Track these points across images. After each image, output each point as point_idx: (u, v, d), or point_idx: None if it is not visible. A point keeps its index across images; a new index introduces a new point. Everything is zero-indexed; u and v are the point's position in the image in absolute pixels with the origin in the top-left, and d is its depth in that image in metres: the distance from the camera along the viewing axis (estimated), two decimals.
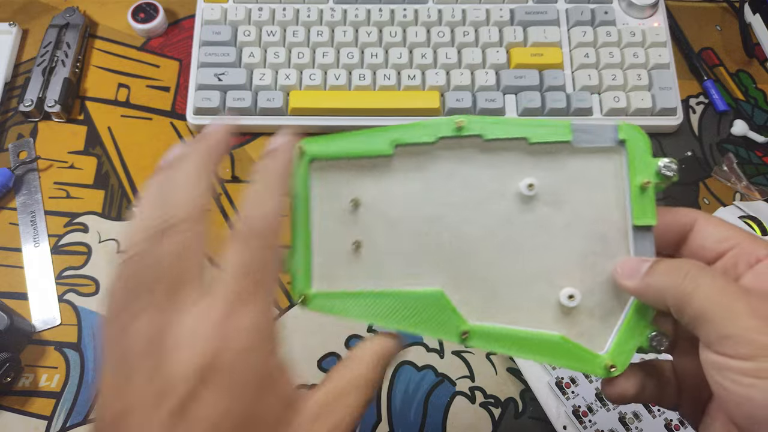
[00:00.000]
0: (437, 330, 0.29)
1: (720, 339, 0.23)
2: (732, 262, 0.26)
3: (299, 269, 0.30)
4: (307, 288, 0.30)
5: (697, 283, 0.24)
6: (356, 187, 0.30)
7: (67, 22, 0.59)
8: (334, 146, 0.30)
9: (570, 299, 0.28)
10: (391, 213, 0.30)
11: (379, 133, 0.30)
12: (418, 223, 0.30)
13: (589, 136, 0.28)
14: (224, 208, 0.54)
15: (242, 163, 0.56)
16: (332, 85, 0.56)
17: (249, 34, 0.57)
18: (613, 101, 0.55)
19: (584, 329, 0.29)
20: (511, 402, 0.47)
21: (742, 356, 0.22)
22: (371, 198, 0.30)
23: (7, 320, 0.45)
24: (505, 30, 0.58)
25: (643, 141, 0.28)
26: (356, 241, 0.30)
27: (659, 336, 0.28)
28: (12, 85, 0.58)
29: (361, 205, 0.30)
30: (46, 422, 0.46)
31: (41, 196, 0.54)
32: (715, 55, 0.62)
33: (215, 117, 0.55)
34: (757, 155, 0.58)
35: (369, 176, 0.30)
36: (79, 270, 0.51)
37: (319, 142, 0.30)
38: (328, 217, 0.31)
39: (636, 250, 0.28)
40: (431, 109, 0.55)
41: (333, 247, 0.31)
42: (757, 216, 0.51)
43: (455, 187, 0.29)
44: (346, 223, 0.30)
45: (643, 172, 0.27)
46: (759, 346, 0.22)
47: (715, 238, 0.27)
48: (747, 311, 0.22)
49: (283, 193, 0.26)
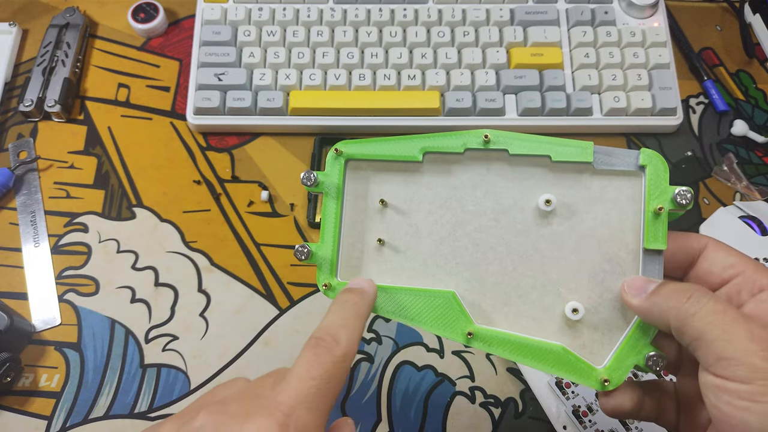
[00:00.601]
0: (445, 328, 0.30)
1: (718, 361, 0.23)
2: (736, 289, 0.27)
3: (328, 259, 0.33)
4: (332, 278, 0.33)
5: (699, 306, 0.25)
6: (386, 189, 0.32)
7: (67, 22, 0.59)
8: (369, 149, 0.32)
9: (574, 313, 0.30)
10: (416, 215, 0.32)
11: (411, 139, 0.31)
12: (439, 227, 0.32)
13: (611, 159, 0.29)
14: (224, 208, 0.54)
15: (242, 163, 0.56)
16: (332, 85, 0.56)
17: (249, 34, 0.57)
18: (613, 101, 0.55)
19: (586, 342, 0.30)
20: (511, 402, 0.47)
21: (739, 379, 0.22)
22: (399, 200, 0.32)
23: (7, 320, 0.45)
24: (505, 30, 0.58)
25: (663, 168, 0.29)
26: (380, 239, 0.32)
27: (656, 357, 0.28)
28: (12, 85, 0.58)
29: (389, 206, 0.32)
30: (46, 422, 0.46)
31: (41, 196, 0.54)
32: (715, 55, 0.62)
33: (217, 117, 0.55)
34: (757, 155, 0.58)
35: (399, 179, 0.32)
36: (79, 270, 0.51)
37: (355, 145, 0.32)
38: (358, 213, 0.33)
39: (644, 272, 0.29)
40: (431, 109, 0.55)
41: (359, 242, 0.33)
42: (757, 216, 0.51)
43: (478, 196, 0.31)
44: (373, 220, 0.33)
45: (659, 197, 0.28)
46: (756, 369, 0.22)
47: (722, 265, 0.28)
48: (746, 335, 0.23)
49: (361, 329, 0.28)
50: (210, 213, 0.54)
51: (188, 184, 0.55)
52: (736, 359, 0.23)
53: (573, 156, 0.29)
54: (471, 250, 0.31)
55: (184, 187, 0.54)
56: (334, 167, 0.32)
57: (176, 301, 0.50)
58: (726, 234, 0.51)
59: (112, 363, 0.48)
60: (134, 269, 0.51)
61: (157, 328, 0.49)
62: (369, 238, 0.33)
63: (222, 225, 0.53)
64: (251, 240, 0.53)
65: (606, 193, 0.30)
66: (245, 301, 0.50)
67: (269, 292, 0.51)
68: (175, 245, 0.52)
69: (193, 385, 0.47)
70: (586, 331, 0.30)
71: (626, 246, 0.29)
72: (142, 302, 0.50)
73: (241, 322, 0.50)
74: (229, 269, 0.51)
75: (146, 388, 0.47)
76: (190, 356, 0.48)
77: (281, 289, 0.51)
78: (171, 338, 0.49)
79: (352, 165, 0.33)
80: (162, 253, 0.52)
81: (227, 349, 0.49)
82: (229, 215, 0.53)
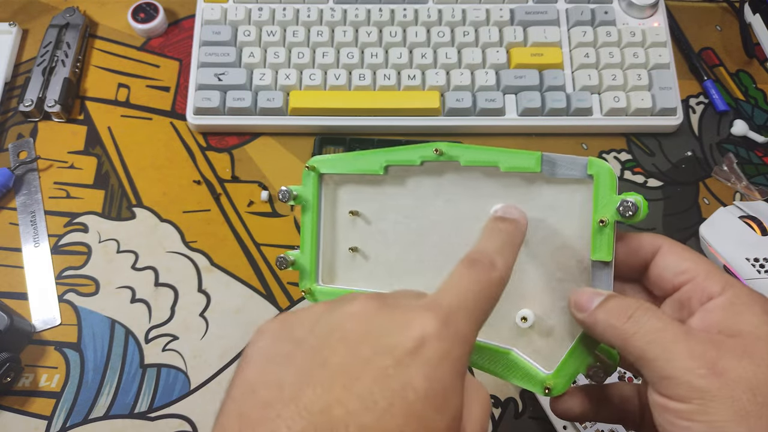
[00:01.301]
0: None
1: (660, 380, 0.23)
2: (687, 297, 0.26)
3: (307, 267, 0.35)
4: (312, 283, 0.36)
5: (639, 325, 0.24)
6: (356, 199, 0.35)
7: (67, 22, 0.59)
8: (339, 165, 0.34)
9: (523, 321, 0.30)
10: (383, 224, 0.34)
11: (374, 154, 0.33)
12: (406, 235, 0.33)
13: (559, 169, 0.28)
14: (224, 208, 0.54)
15: (242, 163, 0.56)
16: (332, 85, 0.56)
17: (249, 34, 0.57)
18: (613, 101, 0.55)
19: (539, 347, 0.30)
20: (511, 402, 0.47)
21: (678, 398, 0.22)
22: (368, 210, 0.34)
23: (7, 320, 0.45)
24: (505, 30, 0.57)
25: (610, 178, 0.27)
26: (353, 247, 0.35)
27: (596, 369, 0.28)
28: (12, 85, 0.58)
29: (359, 216, 0.35)
30: (46, 422, 0.46)
31: (41, 196, 0.54)
32: (715, 55, 0.62)
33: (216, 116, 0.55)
34: (757, 155, 0.58)
35: (368, 191, 0.34)
36: (79, 270, 0.51)
37: (327, 161, 0.34)
38: (331, 224, 0.36)
39: (594, 281, 0.28)
40: (431, 109, 0.55)
41: (334, 250, 0.36)
42: (757, 216, 0.51)
43: (439, 205, 0.32)
44: (346, 230, 0.35)
45: (604, 208, 0.27)
46: (692, 388, 0.22)
47: (673, 271, 0.27)
48: (685, 353, 0.23)
49: (514, 258, 0.27)
50: (210, 213, 0.54)
51: (188, 184, 0.55)
52: (675, 378, 0.22)
53: (520, 166, 0.29)
54: (436, 256, 0.32)
55: (184, 187, 0.54)
56: (308, 182, 0.35)
57: (176, 301, 0.50)
58: (726, 234, 0.51)
59: (112, 363, 0.48)
60: (134, 269, 0.51)
61: (157, 328, 0.49)
62: (343, 246, 0.35)
63: (222, 225, 0.53)
64: (251, 240, 0.53)
65: (558, 201, 0.29)
66: (245, 301, 0.50)
67: (269, 292, 0.51)
68: (175, 245, 0.52)
69: (193, 385, 0.47)
70: (537, 337, 0.30)
71: (577, 255, 0.29)
72: (142, 302, 0.50)
73: (241, 322, 0.49)
74: (229, 269, 0.51)
75: (146, 388, 0.47)
76: (190, 356, 0.48)
77: (281, 289, 0.51)
78: (171, 338, 0.49)
79: (326, 179, 0.35)
80: (162, 253, 0.52)
81: (227, 349, 0.49)
82: (229, 215, 0.53)
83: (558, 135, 0.57)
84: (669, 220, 0.55)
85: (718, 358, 0.22)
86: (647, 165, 0.57)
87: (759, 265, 0.49)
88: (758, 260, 0.49)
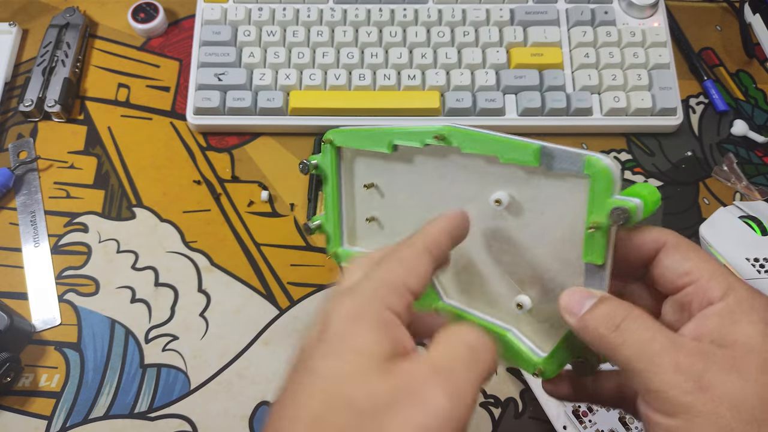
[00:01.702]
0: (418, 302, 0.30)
1: (646, 392, 0.23)
2: (688, 299, 0.25)
3: (332, 232, 0.38)
4: (337, 247, 0.39)
5: (627, 335, 0.23)
6: (370, 174, 0.36)
7: (67, 22, 0.59)
8: (353, 140, 0.36)
9: (518, 307, 0.31)
10: (397, 197, 0.35)
11: (384, 133, 0.34)
12: (417, 208, 0.34)
13: (557, 163, 0.27)
14: (224, 208, 0.54)
15: (242, 163, 0.55)
16: (332, 85, 0.56)
17: (249, 34, 0.57)
18: (613, 101, 0.55)
19: (537, 329, 0.31)
20: (511, 402, 0.47)
21: (664, 412, 0.22)
22: (382, 183, 0.36)
23: (7, 320, 0.45)
24: (505, 30, 0.58)
25: (605, 181, 0.25)
26: (369, 217, 0.37)
27: (581, 364, 0.28)
28: (12, 85, 0.58)
29: (375, 188, 0.36)
30: (46, 422, 0.46)
31: (41, 196, 0.54)
32: (715, 55, 0.62)
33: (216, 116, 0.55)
34: (757, 155, 0.58)
35: (381, 166, 0.35)
36: (79, 270, 0.51)
37: (340, 134, 0.36)
38: (351, 194, 0.38)
39: (587, 280, 0.27)
40: (431, 109, 0.55)
41: (355, 218, 0.38)
42: (757, 216, 0.51)
43: (445, 185, 0.32)
44: (364, 200, 0.37)
45: (598, 211, 0.26)
46: (677, 403, 0.22)
47: (676, 272, 0.26)
48: (671, 366, 0.22)
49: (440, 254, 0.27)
50: (210, 213, 0.54)
51: (188, 184, 0.55)
52: (661, 392, 0.22)
53: (519, 159, 0.28)
54: None
55: (184, 187, 0.54)
56: (326, 154, 0.37)
57: (176, 301, 0.50)
58: (726, 234, 0.51)
59: (112, 363, 0.48)
60: (134, 269, 0.51)
61: (157, 328, 0.49)
62: (361, 215, 0.38)
63: (222, 225, 0.53)
64: (251, 240, 0.53)
65: (559, 192, 0.28)
66: (245, 301, 0.50)
67: (269, 292, 0.51)
68: (175, 245, 0.52)
69: (193, 385, 0.47)
70: (536, 321, 0.31)
71: (577, 250, 0.27)
72: (142, 302, 0.50)
73: (241, 322, 0.49)
74: (229, 269, 0.51)
75: (146, 388, 0.47)
76: (190, 356, 0.48)
77: (281, 289, 0.51)
78: (171, 338, 0.49)
79: (343, 152, 0.37)
80: (162, 253, 0.52)
81: (227, 349, 0.49)
82: (229, 215, 0.53)
83: (558, 135, 0.57)
84: (669, 220, 0.55)
85: (704, 372, 0.22)
86: (647, 165, 0.57)
87: (759, 265, 0.49)
88: (758, 260, 0.49)
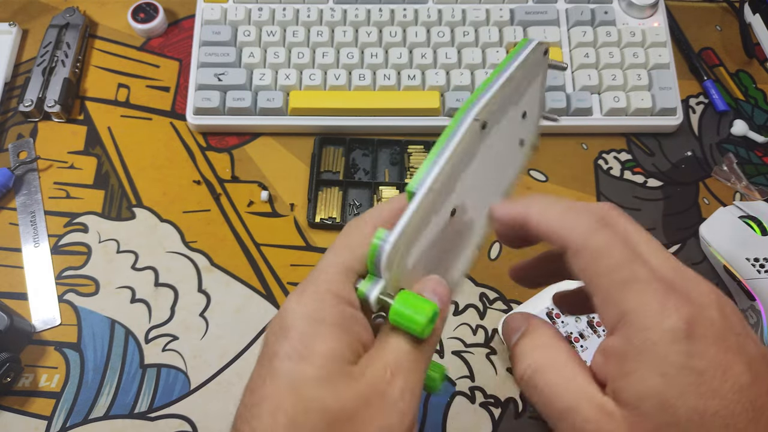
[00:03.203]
0: None
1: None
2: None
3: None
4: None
5: (535, 383, 0.24)
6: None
7: (67, 22, 0.59)
8: None
9: None
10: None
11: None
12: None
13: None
14: (224, 208, 0.54)
15: (242, 163, 0.56)
16: (332, 85, 0.56)
17: (249, 34, 0.57)
18: (613, 101, 0.55)
19: None
20: (511, 402, 0.47)
21: None
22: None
23: (7, 320, 0.45)
24: (505, 30, 0.58)
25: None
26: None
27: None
28: (12, 85, 0.58)
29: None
30: (46, 422, 0.46)
31: (41, 196, 0.54)
32: (715, 55, 0.62)
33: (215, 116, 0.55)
34: (757, 155, 0.58)
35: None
36: (79, 270, 0.51)
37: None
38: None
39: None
40: (431, 109, 0.55)
41: None
42: (757, 216, 0.51)
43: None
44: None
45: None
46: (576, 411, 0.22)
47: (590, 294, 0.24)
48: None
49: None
50: (210, 213, 0.54)
51: (188, 184, 0.55)
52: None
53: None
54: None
55: (184, 187, 0.54)
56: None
57: (176, 301, 0.50)
58: (726, 234, 0.51)
59: (112, 363, 0.48)
60: (134, 269, 0.51)
61: (157, 328, 0.49)
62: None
63: (222, 225, 0.53)
64: (251, 240, 0.53)
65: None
66: (245, 301, 0.50)
67: (269, 292, 0.51)
68: (175, 245, 0.52)
69: (193, 385, 0.47)
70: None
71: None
72: (142, 302, 0.50)
73: (241, 322, 0.50)
74: (229, 269, 0.51)
75: (146, 388, 0.47)
76: (190, 356, 0.48)
77: (281, 289, 0.51)
78: (171, 338, 0.49)
79: None
80: (162, 253, 0.52)
81: (227, 349, 0.49)
82: (229, 215, 0.53)
83: (558, 135, 0.57)
84: (669, 220, 0.55)
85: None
86: (647, 165, 0.57)
87: (759, 265, 0.49)
88: (758, 260, 0.49)
